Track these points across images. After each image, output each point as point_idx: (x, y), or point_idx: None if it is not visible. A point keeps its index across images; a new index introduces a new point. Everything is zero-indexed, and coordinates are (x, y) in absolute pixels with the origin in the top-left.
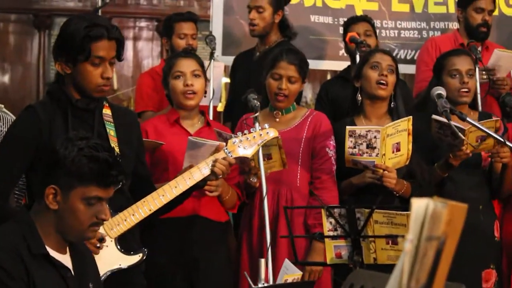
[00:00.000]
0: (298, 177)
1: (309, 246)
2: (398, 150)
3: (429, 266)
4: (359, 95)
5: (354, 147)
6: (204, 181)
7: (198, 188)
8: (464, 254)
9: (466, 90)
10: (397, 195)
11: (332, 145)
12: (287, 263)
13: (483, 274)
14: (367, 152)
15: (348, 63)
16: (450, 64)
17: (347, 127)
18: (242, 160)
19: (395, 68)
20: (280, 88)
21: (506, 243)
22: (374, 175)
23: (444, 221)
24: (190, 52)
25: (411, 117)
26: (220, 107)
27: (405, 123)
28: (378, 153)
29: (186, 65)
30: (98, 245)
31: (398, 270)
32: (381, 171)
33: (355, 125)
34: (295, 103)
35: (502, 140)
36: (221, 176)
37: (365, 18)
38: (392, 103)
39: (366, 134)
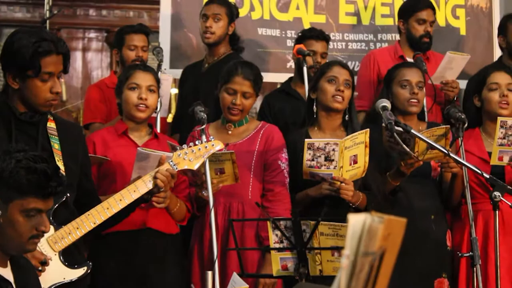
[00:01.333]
0: (250, 189)
1: (262, 258)
2: (355, 162)
3: (364, 281)
4: (315, 107)
5: (312, 160)
6: (149, 194)
7: (144, 201)
8: (417, 263)
9: (415, 100)
10: (353, 206)
11: (285, 158)
12: (235, 276)
13: (435, 282)
14: (325, 165)
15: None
16: (400, 75)
17: (306, 140)
18: (194, 173)
19: (351, 82)
20: (234, 104)
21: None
22: (331, 187)
23: (380, 236)
24: (148, 66)
25: (368, 129)
26: (170, 119)
27: (363, 136)
28: (336, 166)
29: (143, 79)
30: (40, 268)
31: (335, 285)
32: (339, 183)
33: (310, 136)
34: (247, 115)
35: (445, 152)
36: (162, 189)
37: (325, 37)
38: (347, 116)
39: (325, 147)
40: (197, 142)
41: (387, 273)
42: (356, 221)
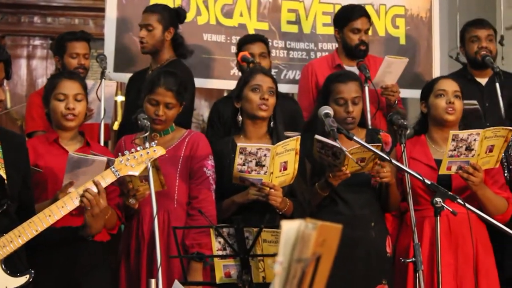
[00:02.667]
0: (176, 197)
1: (187, 267)
2: (285, 169)
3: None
4: (240, 116)
5: (244, 164)
6: None
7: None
8: (357, 270)
9: (350, 118)
10: (280, 213)
11: (210, 165)
12: (176, 284)
13: None
14: (255, 170)
15: None
16: (336, 91)
17: (238, 144)
18: (120, 182)
19: (275, 90)
20: (157, 114)
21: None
22: (259, 192)
23: (313, 243)
24: (74, 74)
25: (299, 136)
26: (116, 126)
27: (294, 143)
28: (266, 171)
29: (69, 88)
30: None
31: None
32: (268, 189)
33: (235, 144)
34: (173, 124)
35: (388, 158)
36: (89, 208)
37: (262, 39)
38: (272, 123)
39: (257, 152)
40: (138, 148)
41: (323, 279)
42: (289, 228)
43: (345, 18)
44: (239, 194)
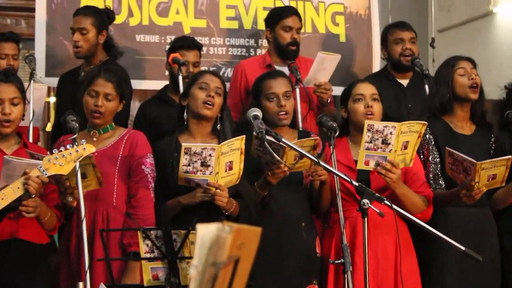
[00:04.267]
0: (115, 195)
1: (125, 266)
2: (230, 169)
3: None
4: (186, 114)
5: (189, 165)
6: (18, 202)
7: (14, 209)
8: (287, 270)
9: (284, 112)
10: (226, 214)
11: (149, 163)
12: (102, 287)
13: None
14: (201, 170)
15: None
16: (266, 88)
17: (183, 144)
18: (57, 180)
19: (222, 91)
20: (97, 105)
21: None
22: (205, 193)
23: (229, 246)
24: (12, 75)
25: (244, 136)
26: (49, 127)
27: (239, 142)
28: (212, 171)
29: (5, 92)
30: None
31: None
32: (214, 189)
33: (179, 143)
34: (113, 122)
35: (316, 160)
36: (33, 196)
37: (198, 46)
38: (218, 124)
39: (202, 152)
40: (68, 147)
41: (242, 282)
42: (204, 231)
43: (276, 17)
44: (186, 196)
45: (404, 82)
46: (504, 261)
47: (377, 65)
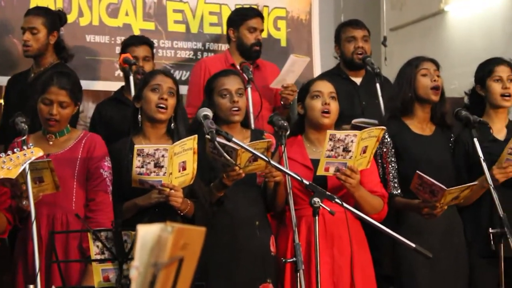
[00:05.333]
0: (74, 200)
1: (84, 269)
2: (184, 169)
3: None
4: (140, 116)
5: (142, 167)
6: None
7: None
8: (241, 269)
9: (236, 109)
10: (181, 214)
11: (107, 166)
12: None
13: None
14: (154, 171)
15: (123, 83)
16: (219, 85)
17: (136, 146)
18: (12, 184)
19: (175, 91)
20: (51, 114)
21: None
22: (160, 194)
23: (171, 247)
24: None
25: (196, 136)
26: None
27: (191, 142)
28: (165, 172)
29: None
30: None
31: None
32: (168, 190)
33: (134, 145)
34: (69, 125)
35: (267, 160)
36: None
37: (147, 41)
38: (172, 124)
39: (154, 153)
40: (15, 150)
41: (187, 281)
42: (145, 232)
43: (241, 17)
44: (142, 198)
45: (357, 80)
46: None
47: (317, 69)
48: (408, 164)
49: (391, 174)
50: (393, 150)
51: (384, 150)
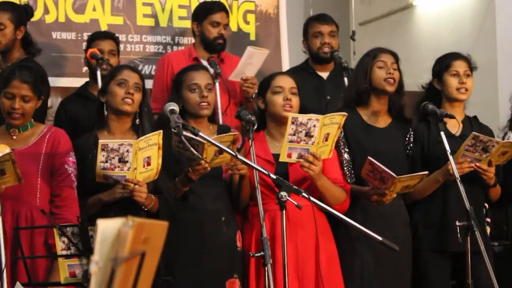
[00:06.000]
0: (38, 195)
1: (51, 265)
2: (148, 164)
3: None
4: (105, 110)
5: (106, 162)
6: None
7: None
8: (208, 264)
9: (205, 103)
10: (146, 209)
11: (72, 162)
12: (18, 286)
13: (227, 283)
14: (119, 166)
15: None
16: (189, 79)
17: (100, 140)
18: None
19: (141, 86)
20: (14, 108)
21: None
22: (124, 190)
23: (131, 241)
24: None
25: (161, 131)
26: None
27: (156, 137)
28: (130, 167)
29: None
30: None
31: None
32: (132, 185)
33: (98, 140)
34: (32, 120)
35: (234, 154)
36: None
37: (112, 36)
38: (137, 120)
39: (119, 148)
40: None
41: (149, 275)
42: (106, 226)
43: (204, 12)
44: (106, 193)
45: (324, 74)
46: (416, 250)
47: (286, 63)
48: (356, 154)
49: (343, 163)
50: (344, 139)
51: (338, 139)
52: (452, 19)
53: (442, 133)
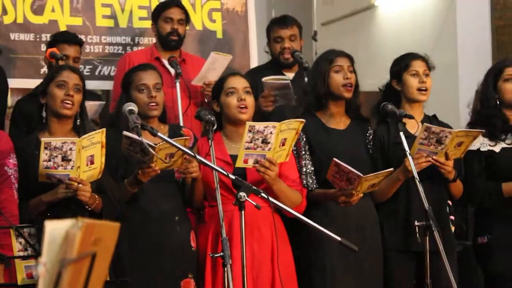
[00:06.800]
0: None
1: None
2: (92, 163)
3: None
4: (45, 112)
5: (49, 160)
6: None
7: None
8: (162, 265)
9: (154, 104)
10: (89, 209)
11: (12, 163)
12: None
13: (182, 283)
14: (62, 165)
15: None
16: (137, 79)
17: (42, 139)
18: None
19: (81, 87)
20: None
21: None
22: (67, 190)
23: (79, 242)
24: None
25: (104, 129)
26: None
27: (99, 135)
28: (73, 166)
29: None
30: None
31: None
32: (76, 184)
33: (39, 141)
34: None
35: (193, 155)
36: None
37: (80, 42)
38: (78, 121)
39: (62, 146)
40: None
41: (101, 277)
42: (54, 228)
43: (159, 10)
44: (48, 193)
45: (290, 75)
46: (384, 250)
47: (254, 60)
48: (322, 158)
49: (304, 168)
50: (306, 144)
51: (297, 143)
52: (414, 19)
53: (401, 133)
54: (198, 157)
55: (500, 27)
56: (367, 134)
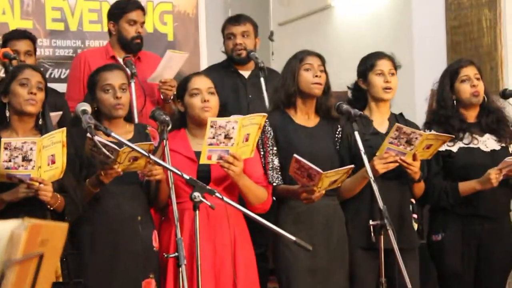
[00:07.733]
0: None
1: None
2: (53, 162)
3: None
4: (8, 111)
5: (10, 161)
6: None
7: None
8: (123, 265)
9: (120, 104)
10: (51, 209)
11: None
12: None
13: (143, 283)
14: (23, 165)
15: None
16: (102, 80)
17: (2, 139)
18: None
19: (44, 86)
20: None
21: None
22: (28, 189)
23: (25, 243)
24: None
25: (65, 128)
26: None
27: (60, 135)
28: (34, 166)
29: None
30: None
31: None
32: (37, 184)
33: (1, 139)
34: None
35: (147, 155)
36: None
37: (29, 36)
38: (40, 120)
39: (22, 146)
40: None
41: (49, 277)
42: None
43: (121, 10)
44: (8, 192)
45: (246, 73)
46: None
47: (204, 63)
48: (290, 155)
49: (271, 164)
50: (273, 140)
51: (264, 139)
52: (370, 20)
53: (356, 133)
54: (151, 157)
55: (454, 27)
56: (337, 132)
